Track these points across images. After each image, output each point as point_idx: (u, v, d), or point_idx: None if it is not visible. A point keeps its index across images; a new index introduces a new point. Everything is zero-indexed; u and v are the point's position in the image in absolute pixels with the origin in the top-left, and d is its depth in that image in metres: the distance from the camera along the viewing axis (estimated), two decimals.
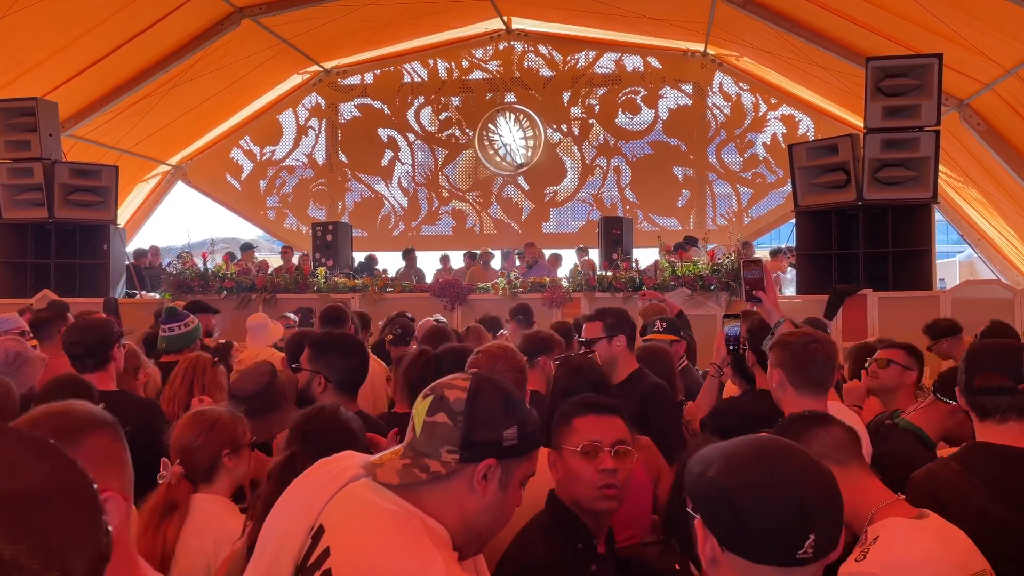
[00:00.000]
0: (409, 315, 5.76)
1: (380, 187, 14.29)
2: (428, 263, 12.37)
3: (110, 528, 0.66)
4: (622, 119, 13.74)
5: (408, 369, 3.04)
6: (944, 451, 2.56)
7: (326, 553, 1.24)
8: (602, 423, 1.97)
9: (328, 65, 13.80)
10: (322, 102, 14.35)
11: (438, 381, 1.39)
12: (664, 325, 4.47)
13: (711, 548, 1.21)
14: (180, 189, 14.42)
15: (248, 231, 18.23)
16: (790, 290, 9.75)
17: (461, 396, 1.33)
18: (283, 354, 4.35)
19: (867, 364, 3.27)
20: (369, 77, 14.27)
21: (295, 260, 10.68)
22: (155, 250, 11.78)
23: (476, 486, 1.31)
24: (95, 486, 0.68)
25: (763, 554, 1.16)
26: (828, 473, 1.26)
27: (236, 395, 2.77)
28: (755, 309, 3.02)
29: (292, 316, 7.11)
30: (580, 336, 3.65)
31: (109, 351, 3.10)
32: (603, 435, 1.94)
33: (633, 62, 13.67)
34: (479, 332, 5.04)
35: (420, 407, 1.36)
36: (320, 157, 14.38)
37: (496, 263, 12.50)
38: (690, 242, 10.42)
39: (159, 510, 2.09)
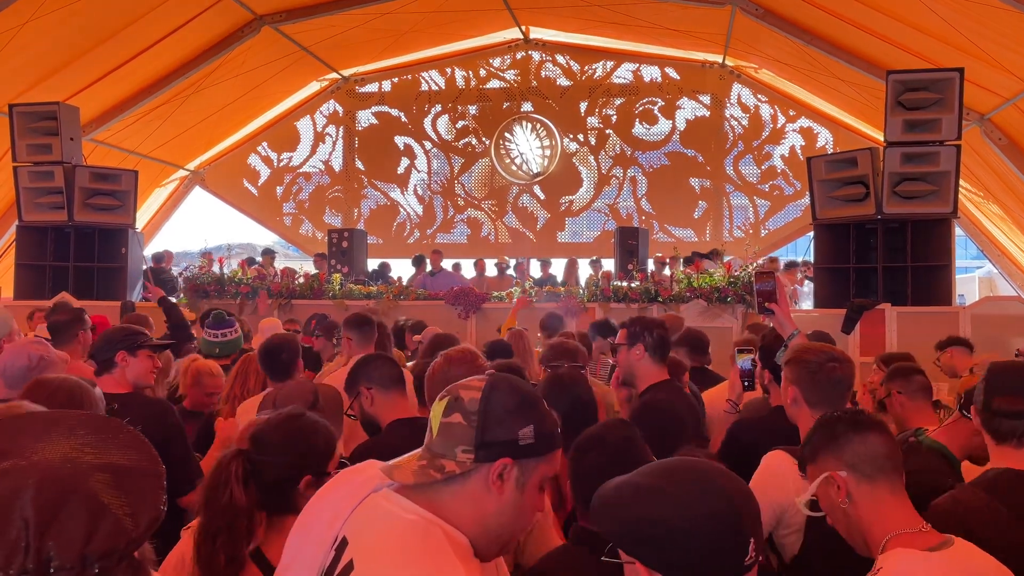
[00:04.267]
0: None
1: (396, 194, 14.32)
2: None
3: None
4: (639, 129, 13.71)
5: (432, 377, 3.02)
6: (967, 469, 2.51)
7: (350, 566, 1.23)
8: None
9: (346, 73, 13.88)
10: (340, 109, 14.42)
11: (455, 383, 1.38)
12: None
13: None
14: (198, 194, 14.54)
15: (264, 237, 18.35)
16: (807, 303, 9.66)
17: (476, 396, 1.32)
18: None
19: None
20: (387, 85, 14.33)
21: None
22: (168, 255, 11.84)
23: (492, 486, 1.30)
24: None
25: (715, 572, 1.17)
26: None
27: None
28: (767, 321, 2.98)
29: (297, 321, 7.11)
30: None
31: (112, 356, 3.15)
32: None
33: (651, 73, 13.66)
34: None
35: (437, 409, 1.35)
36: (337, 164, 14.43)
37: (510, 272, 12.50)
38: (700, 256, 10.34)
39: None
